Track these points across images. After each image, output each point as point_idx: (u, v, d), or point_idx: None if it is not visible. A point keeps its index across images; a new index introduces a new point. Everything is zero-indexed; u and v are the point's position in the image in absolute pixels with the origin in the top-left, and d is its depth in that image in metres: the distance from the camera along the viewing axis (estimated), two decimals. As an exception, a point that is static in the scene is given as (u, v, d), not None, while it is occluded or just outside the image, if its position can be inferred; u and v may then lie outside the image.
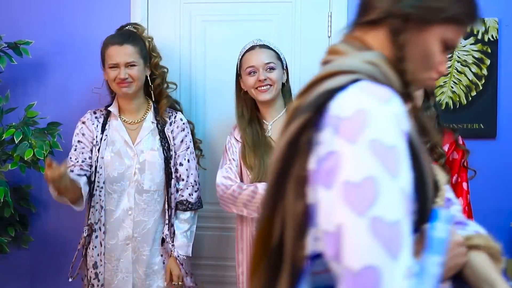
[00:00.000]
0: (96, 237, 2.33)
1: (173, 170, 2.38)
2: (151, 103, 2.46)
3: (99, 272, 2.32)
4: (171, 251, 2.33)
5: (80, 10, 2.77)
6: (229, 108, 2.55)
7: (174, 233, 2.37)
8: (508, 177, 2.66)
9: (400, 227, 0.87)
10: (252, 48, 2.30)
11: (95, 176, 2.32)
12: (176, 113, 2.48)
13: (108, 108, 2.42)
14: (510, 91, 2.65)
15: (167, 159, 2.37)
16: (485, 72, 2.64)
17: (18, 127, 2.43)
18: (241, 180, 2.29)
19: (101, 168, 2.33)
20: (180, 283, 2.32)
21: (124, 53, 2.31)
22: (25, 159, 2.36)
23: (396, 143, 0.90)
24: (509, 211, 2.65)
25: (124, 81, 2.30)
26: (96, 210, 2.33)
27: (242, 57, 2.32)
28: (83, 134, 2.39)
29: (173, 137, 2.41)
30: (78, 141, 2.38)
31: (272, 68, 2.25)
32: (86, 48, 2.77)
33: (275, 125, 2.29)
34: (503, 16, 2.64)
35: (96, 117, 2.42)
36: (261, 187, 2.14)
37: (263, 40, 2.33)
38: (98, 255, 2.33)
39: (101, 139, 2.36)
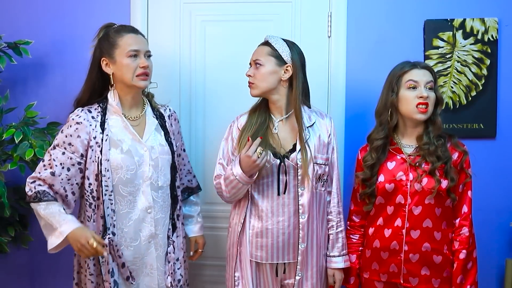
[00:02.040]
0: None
1: (177, 164, 2.35)
2: (145, 98, 2.37)
3: (117, 281, 2.18)
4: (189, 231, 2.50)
5: (80, 10, 2.77)
6: (229, 107, 2.55)
7: (176, 226, 2.33)
8: (508, 177, 2.66)
9: None
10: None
11: (101, 181, 2.16)
12: (167, 105, 2.43)
13: (111, 104, 2.23)
14: (510, 91, 2.65)
15: (173, 154, 2.32)
16: (485, 72, 2.64)
17: (18, 127, 2.43)
18: None
19: (107, 171, 2.16)
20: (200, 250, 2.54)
21: (143, 41, 2.23)
22: (26, 159, 2.36)
23: None
24: (509, 211, 2.65)
25: (146, 71, 2.19)
26: (108, 215, 2.17)
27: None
28: (78, 137, 2.16)
29: (172, 131, 2.38)
30: (70, 157, 2.15)
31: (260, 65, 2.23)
32: (86, 48, 2.75)
33: (281, 124, 2.27)
34: (503, 16, 2.64)
35: (92, 117, 2.20)
36: (232, 168, 2.17)
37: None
38: (113, 261, 2.18)
39: (101, 139, 2.18)
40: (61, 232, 2.10)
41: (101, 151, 2.16)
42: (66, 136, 2.17)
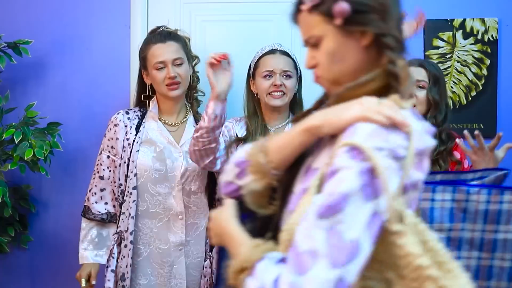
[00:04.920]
0: (125, 246, 2.19)
1: (217, 176, 2.28)
2: (189, 106, 2.39)
3: (126, 285, 2.18)
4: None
5: (80, 10, 2.77)
6: (229, 107, 2.54)
7: None
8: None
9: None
10: (272, 52, 2.26)
11: (126, 181, 2.20)
12: None
13: (150, 109, 2.30)
14: (510, 91, 2.65)
15: None
16: (485, 72, 2.64)
17: (18, 127, 2.43)
18: None
19: (131, 172, 2.19)
20: None
21: (170, 50, 2.21)
22: (25, 159, 2.36)
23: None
24: (509, 211, 2.64)
25: (174, 81, 2.20)
26: (126, 217, 2.19)
27: (259, 59, 2.27)
28: (117, 139, 2.24)
29: None
30: (113, 159, 2.25)
31: (289, 76, 2.24)
32: (86, 48, 2.77)
33: (277, 132, 2.27)
34: (503, 16, 2.64)
35: (128, 118, 2.27)
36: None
37: (283, 46, 2.30)
38: (126, 266, 2.18)
39: (133, 140, 2.22)
40: (81, 257, 2.32)
41: (130, 152, 2.21)
42: (108, 140, 2.28)
